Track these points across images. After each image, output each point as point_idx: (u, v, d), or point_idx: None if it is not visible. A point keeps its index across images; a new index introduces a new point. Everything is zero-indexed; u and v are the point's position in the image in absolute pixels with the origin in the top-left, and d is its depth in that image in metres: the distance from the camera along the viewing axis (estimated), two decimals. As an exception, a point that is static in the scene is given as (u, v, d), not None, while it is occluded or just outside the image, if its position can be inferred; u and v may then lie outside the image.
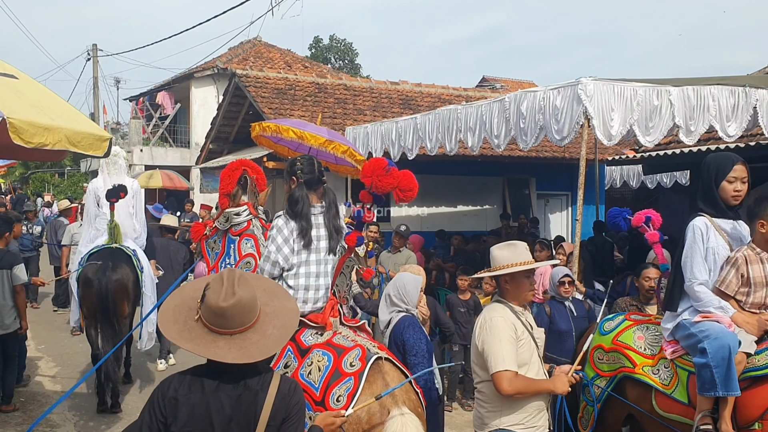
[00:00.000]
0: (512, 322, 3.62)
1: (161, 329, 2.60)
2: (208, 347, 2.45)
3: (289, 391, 2.56)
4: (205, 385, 2.48)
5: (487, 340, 3.59)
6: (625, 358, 4.43)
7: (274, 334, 2.54)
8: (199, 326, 2.50)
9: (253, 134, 7.51)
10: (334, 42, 47.24)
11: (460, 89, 18.20)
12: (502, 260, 3.73)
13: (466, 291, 7.83)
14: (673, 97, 7.22)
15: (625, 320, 4.70)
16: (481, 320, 3.73)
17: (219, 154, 17.55)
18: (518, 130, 7.66)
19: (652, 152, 10.99)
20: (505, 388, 3.49)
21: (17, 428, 6.78)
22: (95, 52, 28.20)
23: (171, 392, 2.48)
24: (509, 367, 3.50)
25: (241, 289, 2.48)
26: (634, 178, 16.34)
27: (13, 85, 4.54)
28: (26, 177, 36.54)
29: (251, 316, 2.51)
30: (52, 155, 5.89)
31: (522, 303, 3.77)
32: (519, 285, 3.72)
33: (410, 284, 5.07)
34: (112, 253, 7.35)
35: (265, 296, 2.63)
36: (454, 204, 15.36)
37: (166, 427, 2.46)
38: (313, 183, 4.48)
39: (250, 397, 2.49)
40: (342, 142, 7.70)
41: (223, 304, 2.44)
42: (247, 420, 2.48)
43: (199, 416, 2.45)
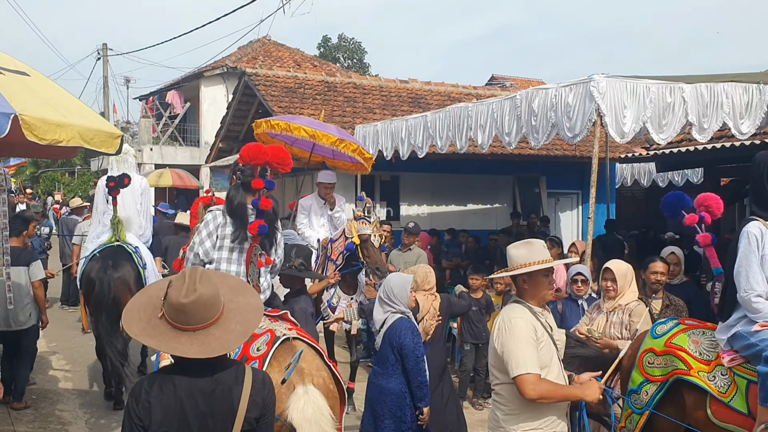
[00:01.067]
0: (532, 323, 3.48)
1: (125, 327, 2.61)
2: (171, 343, 2.48)
3: (262, 384, 2.61)
4: (176, 383, 2.50)
5: (506, 342, 3.44)
6: (679, 360, 4.16)
7: (237, 330, 2.57)
8: (163, 323, 2.52)
9: (258, 131, 7.49)
10: (342, 41, 47.23)
11: (469, 87, 18.15)
12: (518, 259, 3.61)
13: (478, 290, 7.79)
14: (686, 94, 7.16)
15: (679, 324, 4.44)
16: (499, 322, 3.59)
17: (229, 152, 17.56)
18: (530, 128, 7.62)
19: (662, 150, 10.92)
20: (529, 393, 3.32)
21: (29, 426, 6.80)
22: (105, 51, 28.28)
23: (143, 395, 2.50)
24: (532, 369, 3.34)
25: (202, 285, 2.50)
26: (645, 177, 16.24)
27: (26, 82, 4.54)
28: (36, 176, 36.72)
29: (213, 312, 2.53)
30: (64, 152, 5.90)
31: (541, 303, 3.63)
32: (537, 284, 3.58)
33: (397, 285, 5.03)
34: (114, 251, 7.42)
35: (230, 293, 2.66)
36: (464, 203, 15.32)
37: (144, 430, 2.48)
38: (249, 186, 4.66)
39: (224, 393, 2.52)
40: (351, 141, 7.70)
41: (183, 300, 2.47)
42: (223, 415, 2.51)
43: (174, 416, 2.47)
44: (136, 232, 7.91)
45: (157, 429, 2.47)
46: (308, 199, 8.20)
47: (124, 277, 7.21)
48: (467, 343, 7.81)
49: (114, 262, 7.23)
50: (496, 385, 3.64)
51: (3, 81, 4.22)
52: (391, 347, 4.87)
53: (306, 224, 7.97)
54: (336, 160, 8.00)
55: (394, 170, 13.49)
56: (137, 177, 8.21)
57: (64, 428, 6.84)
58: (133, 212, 7.94)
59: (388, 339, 4.90)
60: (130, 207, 7.91)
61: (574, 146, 13.89)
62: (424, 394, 4.79)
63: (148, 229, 8.25)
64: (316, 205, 8.11)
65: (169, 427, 2.47)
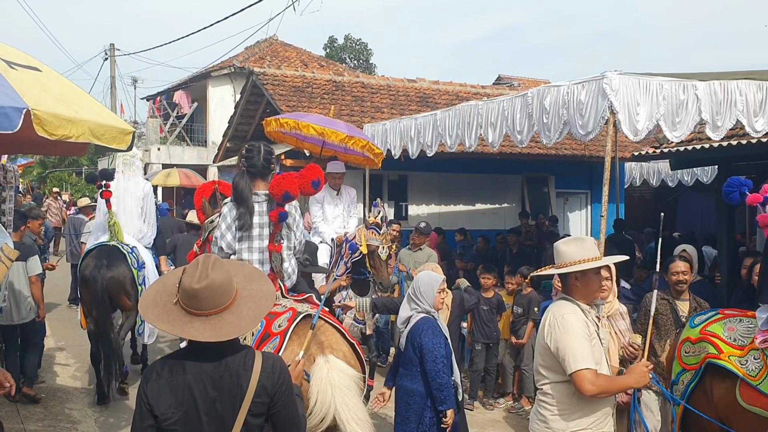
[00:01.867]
0: (583, 319, 3.45)
1: (141, 313, 2.73)
2: (184, 327, 2.56)
3: (273, 368, 2.65)
4: (186, 367, 2.57)
5: (561, 338, 3.38)
6: (711, 345, 4.20)
7: (249, 315, 2.63)
8: (177, 309, 2.59)
9: (268, 129, 7.47)
10: (349, 42, 47.20)
11: (478, 87, 18.08)
12: (569, 256, 3.53)
13: (489, 289, 7.74)
14: (699, 91, 7.07)
15: (716, 313, 4.47)
16: (549, 319, 3.51)
17: (236, 152, 17.50)
18: (541, 126, 7.54)
19: (673, 149, 10.83)
20: (588, 388, 3.28)
21: (38, 424, 6.79)
22: (113, 51, 28.32)
23: (154, 377, 2.57)
24: (589, 365, 3.30)
25: (214, 272, 2.57)
26: (654, 176, 16.14)
27: (37, 77, 4.51)
28: (44, 176, 36.80)
29: (225, 298, 2.59)
30: (75, 149, 5.87)
31: (590, 301, 3.58)
32: (589, 282, 3.53)
33: (425, 284, 4.99)
34: (109, 251, 7.57)
35: (244, 281, 2.73)
36: (473, 202, 15.27)
37: (152, 411, 2.54)
38: (256, 172, 4.71)
39: (231, 378, 2.58)
40: (361, 137, 7.66)
41: (196, 286, 2.53)
42: (231, 400, 2.57)
43: (183, 399, 2.53)
44: (135, 235, 8.04)
45: (165, 411, 2.53)
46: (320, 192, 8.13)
47: (116, 276, 7.38)
48: (478, 342, 7.76)
49: (108, 261, 7.39)
50: (544, 384, 3.56)
51: (15, 76, 4.19)
52: (412, 347, 4.82)
53: (320, 217, 7.91)
54: (347, 155, 7.97)
55: (402, 169, 13.46)
56: (141, 181, 8.34)
57: (73, 426, 6.83)
58: (133, 216, 8.07)
59: (411, 339, 4.85)
60: (131, 211, 8.05)
61: (584, 145, 13.84)
62: (445, 396, 4.68)
63: (149, 232, 8.34)
64: (329, 196, 8.06)
65: (177, 409, 2.53)
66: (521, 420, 7.50)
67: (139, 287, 7.56)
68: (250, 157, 4.73)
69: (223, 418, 2.58)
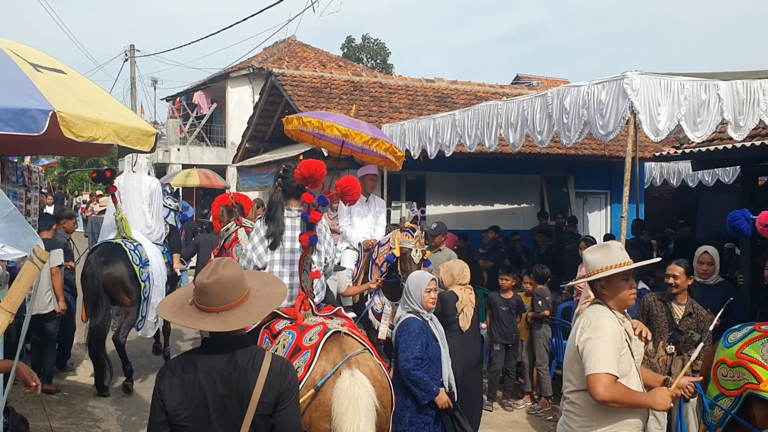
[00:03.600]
0: (618, 327, 3.36)
1: (158, 311, 2.92)
2: (195, 321, 2.70)
3: (281, 370, 2.72)
4: (198, 365, 2.67)
5: (590, 339, 3.30)
6: (750, 373, 3.96)
7: (257, 311, 2.75)
8: (192, 308, 2.73)
9: (289, 127, 7.48)
10: (366, 42, 47.21)
11: (496, 86, 18.03)
12: (594, 264, 3.47)
13: (509, 290, 7.73)
14: (721, 91, 7.00)
15: (753, 330, 4.19)
16: (583, 321, 3.44)
17: (255, 152, 17.64)
18: (561, 126, 7.51)
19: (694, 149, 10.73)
20: (601, 393, 3.17)
21: (62, 421, 6.88)
22: (133, 52, 28.54)
23: (168, 374, 2.69)
24: (609, 370, 3.20)
25: (225, 269, 2.70)
26: (675, 176, 15.99)
27: (62, 80, 4.57)
28: (65, 176, 37.18)
29: (235, 295, 2.70)
30: (98, 150, 5.94)
31: (621, 308, 3.49)
32: (616, 289, 3.44)
33: (413, 284, 5.02)
34: (110, 248, 7.84)
35: (259, 285, 2.87)
36: (491, 202, 15.23)
37: (164, 407, 2.65)
38: (291, 192, 4.92)
39: (240, 376, 2.65)
40: (384, 139, 7.64)
41: (205, 281, 2.66)
42: (239, 397, 2.64)
43: (193, 396, 2.63)
44: (143, 231, 8.22)
45: (176, 407, 2.62)
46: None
47: (113, 273, 7.61)
48: (497, 343, 7.75)
49: (106, 258, 7.65)
50: (570, 392, 3.49)
51: (41, 79, 4.25)
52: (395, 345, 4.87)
53: (347, 222, 7.87)
54: (364, 155, 7.94)
55: (420, 169, 13.46)
56: (147, 178, 8.52)
57: (96, 425, 6.91)
58: (139, 212, 8.27)
59: (396, 337, 4.90)
60: (136, 207, 8.27)
61: (603, 145, 13.76)
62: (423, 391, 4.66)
63: (157, 228, 8.54)
64: (359, 202, 7.99)
65: (188, 406, 2.62)
66: (541, 421, 7.48)
67: (142, 284, 7.78)
68: (286, 178, 4.94)
69: (232, 416, 2.64)
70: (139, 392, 7.90)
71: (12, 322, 2.84)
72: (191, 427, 2.64)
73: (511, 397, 7.94)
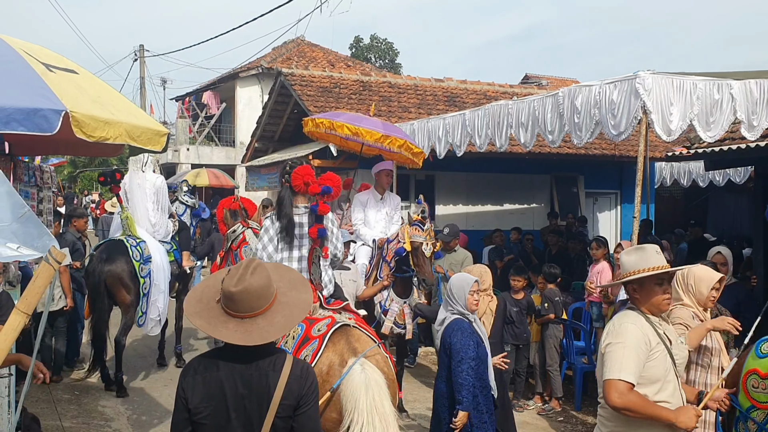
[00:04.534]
0: (645, 332, 3.26)
1: (185, 305, 2.88)
2: (218, 327, 2.67)
3: (302, 373, 2.73)
4: (220, 365, 2.69)
5: (611, 344, 3.25)
6: None
7: (280, 323, 2.71)
8: (218, 307, 2.71)
9: (306, 129, 7.49)
10: (374, 42, 47.20)
11: (506, 86, 17.97)
12: (628, 266, 3.41)
13: (520, 291, 7.70)
14: (734, 90, 6.95)
15: None
16: (609, 325, 3.40)
17: (264, 152, 17.65)
18: (572, 126, 7.47)
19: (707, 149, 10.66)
20: (614, 399, 3.13)
21: (73, 420, 6.90)
22: (142, 52, 28.61)
23: (191, 372, 2.71)
24: (626, 377, 3.14)
25: (253, 277, 2.66)
26: (685, 176, 15.92)
27: (74, 80, 4.58)
28: (74, 176, 37.33)
29: (262, 303, 2.68)
30: (109, 150, 5.96)
31: (656, 312, 3.39)
32: (649, 293, 3.36)
33: (456, 286, 5.00)
34: (112, 245, 8.01)
35: (285, 286, 2.82)
36: (500, 202, 15.18)
37: (186, 404, 2.67)
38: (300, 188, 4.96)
39: (260, 378, 2.67)
40: (398, 136, 7.59)
41: (233, 289, 2.64)
42: (259, 399, 2.65)
43: (214, 394, 2.65)
44: (148, 229, 8.29)
45: (197, 404, 2.65)
46: (364, 194, 8.08)
47: (114, 270, 7.76)
48: (508, 344, 7.70)
49: (108, 255, 7.82)
50: (601, 398, 3.40)
51: (53, 79, 4.26)
52: (444, 348, 4.84)
53: (362, 221, 7.86)
54: (391, 154, 7.90)
55: (429, 169, 13.41)
56: (152, 176, 8.58)
57: (107, 424, 6.92)
58: (143, 209, 8.34)
59: (442, 340, 4.86)
60: (140, 205, 8.34)
61: (613, 145, 13.70)
62: (462, 397, 4.66)
63: (162, 225, 8.60)
64: (373, 199, 7.98)
65: (209, 404, 2.65)
66: (551, 422, 7.45)
67: (142, 280, 7.87)
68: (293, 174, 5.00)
69: (251, 416, 2.66)
70: (150, 392, 7.92)
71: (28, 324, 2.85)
72: (211, 425, 2.67)
73: (522, 398, 7.90)
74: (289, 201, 4.97)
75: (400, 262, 6.82)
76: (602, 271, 7.73)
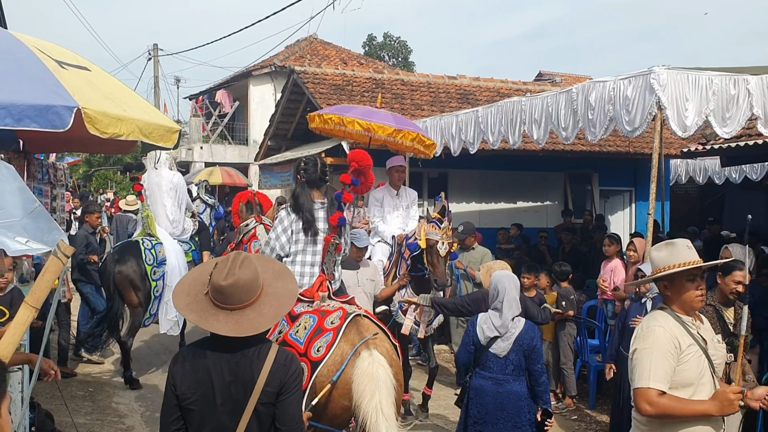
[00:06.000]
0: (675, 334, 3.14)
1: (173, 299, 2.95)
2: (209, 320, 2.76)
3: (285, 361, 2.83)
4: (208, 353, 2.80)
5: (637, 350, 3.16)
6: None
7: (269, 313, 2.82)
8: (207, 300, 2.80)
9: (312, 125, 7.45)
10: (387, 39, 47.12)
11: (519, 83, 17.87)
12: (658, 263, 3.28)
13: (531, 288, 7.64)
14: (751, 86, 6.87)
15: None
16: (638, 329, 3.28)
17: (277, 150, 17.66)
18: (586, 122, 7.41)
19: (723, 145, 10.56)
20: (645, 409, 3.04)
21: (87, 417, 6.93)
22: (156, 51, 28.74)
23: (180, 360, 2.83)
24: (654, 384, 3.04)
25: (241, 270, 2.77)
26: (701, 174, 15.75)
27: (87, 76, 4.59)
28: (89, 174, 37.54)
29: (250, 295, 2.79)
30: (122, 147, 5.98)
31: (688, 311, 3.25)
32: (680, 290, 3.23)
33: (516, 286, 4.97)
34: (126, 247, 8.23)
35: (271, 277, 2.93)
36: (514, 200, 15.10)
37: (175, 391, 2.80)
38: (314, 182, 5.08)
39: (246, 365, 2.77)
40: (410, 129, 7.52)
41: (222, 283, 2.74)
42: (244, 385, 2.76)
43: (201, 380, 2.76)
44: (166, 226, 8.37)
45: (185, 391, 2.76)
46: (380, 190, 8.01)
47: (124, 271, 7.94)
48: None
49: (120, 257, 8.02)
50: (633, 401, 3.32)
51: (66, 75, 4.27)
52: (522, 352, 4.77)
53: (379, 217, 7.79)
54: (397, 145, 7.84)
55: (442, 167, 13.37)
56: (168, 173, 8.66)
57: (120, 420, 6.95)
58: (160, 206, 8.47)
59: (519, 343, 4.78)
60: (159, 202, 8.46)
61: (628, 141, 13.59)
62: (548, 396, 4.82)
63: (180, 222, 8.72)
64: (389, 196, 7.91)
65: (196, 390, 2.76)
66: (565, 420, 7.40)
67: (153, 283, 7.99)
68: (307, 170, 5.10)
69: (237, 402, 2.77)
70: (163, 389, 7.90)
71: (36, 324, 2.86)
72: (199, 411, 2.78)
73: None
74: (307, 196, 5.02)
75: (414, 260, 6.71)
76: (615, 268, 7.66)
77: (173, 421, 2.82)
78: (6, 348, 2.66)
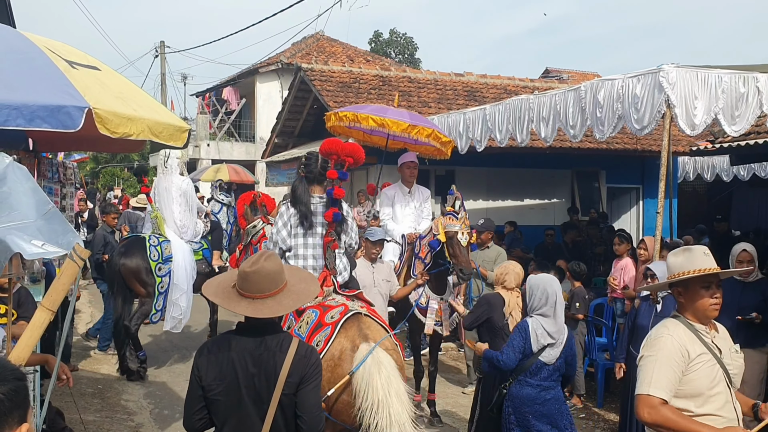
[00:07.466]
0: (683, 342, 3.07)
1: (203, 289, 3.22)
2: (231, 303, 2.98)
3: (306, 353, 2.99)
4: (232, 345, 2.96)
5: (644, 357, 3.13)
6: None
7: (288, 304, 3.03)
8: (233, 291, 3.02)
9: (329, 124, 7.45)
10: (394, 36, 47.05)
11: (526, 80, 17.83)
12: (674, 268, 3.22)
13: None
14: (760, 84, 6.85)
15: None
16: (647, 336, 3.25)
17: (284, 148, 17.68)
18: (594, 120, 7.40)
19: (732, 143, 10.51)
20: (643, 415, 3.00)
21: (96, 414, 6.96)
22: (163, 49, 28.76)
23: (205, 352, 3.00)
24: (656, 393, 3.00)
25: (266, 261, 3.00)
26: (709, 171, 15.68)
27: (97, 76, 4.59)
28: (97, 171, 37.63)
29: (272, 286, 2.97)
30: (132, 146, 5.99)
31: (702, 319, 3.18)
32: (693, 297, 3.16)
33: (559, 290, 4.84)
34: (132, 241, 8.45)
35: (296, 281, 3.13)
36: (521, 198, 15.07)
37: (200, 382, 2.95)
38: (313, 178, 5.18)
39: (269, 357, 2.93)
40: (426, 125, 7.50)
41: (247, 270, 2.96)
42: (267, 376, 2.91)
43: (226, 372, 2.91)
44: (175, 230, 8.58)
45: (210, 382, 2.91)
46: (391, 188, 8.01)
47: (128, 265, 8.16)
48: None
49: (126, 251, 8.25)
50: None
51: (76, 75, 4.27)
52: (564, 356, 4.76)
53: (389, 216, 7.76)
54: (417, 146, 7.78)
55: (449, 165, 13.33)
56: (177, 179, 8.77)
57: (129, 418, 6.98)
58: (169, 212, 8.59)
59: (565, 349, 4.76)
60: (169, 207, 8.59)
61: (635, 139, 13.53)
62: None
63: (190, 226, 8.80)
64: (400, 193, 7.87)
65: (222, 381, 2.90)
66: (573, 419, 7.38)
67: (158, 279, 8.12)
68: (308, 165, 5.22)
69: (260, 392, 2.91)
70: (171, 386, 7.97)
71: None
72: (224, 402, 2.91)
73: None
74: (305, 190, 5.14)
75: (435, 256, 6.60)
76: (626, 267, 7.64)
77: (197, 411, 2.97)
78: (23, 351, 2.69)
